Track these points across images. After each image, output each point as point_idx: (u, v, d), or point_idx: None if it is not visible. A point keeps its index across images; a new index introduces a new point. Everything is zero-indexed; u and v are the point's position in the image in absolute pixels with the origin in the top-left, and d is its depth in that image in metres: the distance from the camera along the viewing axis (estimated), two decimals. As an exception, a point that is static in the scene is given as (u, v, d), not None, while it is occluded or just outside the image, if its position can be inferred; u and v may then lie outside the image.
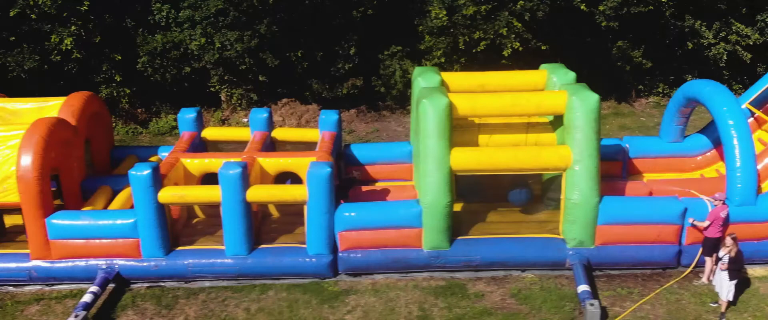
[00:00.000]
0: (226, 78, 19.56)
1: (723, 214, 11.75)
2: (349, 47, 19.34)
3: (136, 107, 20.29)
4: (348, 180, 13.81)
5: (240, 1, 17.74)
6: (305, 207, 11.81)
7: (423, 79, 13.13)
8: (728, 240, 10.95)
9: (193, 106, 20.61)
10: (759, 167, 13.98)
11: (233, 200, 11.56)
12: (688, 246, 12.21)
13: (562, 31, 19.35)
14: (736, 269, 10.97)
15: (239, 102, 20.04)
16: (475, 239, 12.37)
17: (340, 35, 19.35)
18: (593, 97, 11.66)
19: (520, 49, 17.53)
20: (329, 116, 14.36)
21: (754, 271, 12.40)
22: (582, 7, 17.73)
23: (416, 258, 12.18)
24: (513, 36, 17.43)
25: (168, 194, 11.71)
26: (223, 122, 19.99)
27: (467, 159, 11.89)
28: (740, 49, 20.41)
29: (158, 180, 11.66)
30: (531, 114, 12.51)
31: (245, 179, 11.56)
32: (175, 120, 18.69)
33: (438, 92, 11.91)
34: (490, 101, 12.25)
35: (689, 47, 20.38)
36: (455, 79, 13.64)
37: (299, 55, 18.73)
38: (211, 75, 19.56)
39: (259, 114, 14.25)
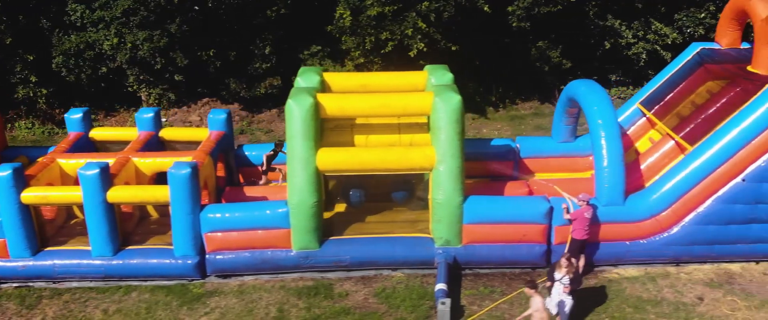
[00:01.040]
0: (142, 77, 19.54)
1: (587, 215, 11.76)
2: (265, 46, 19.34)
3: (55, 107, 20.27)
4: None
5: (149, 1, 17.73)
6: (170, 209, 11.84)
7: (303, 79, 13.12)
8: (563, 261, 10.32)
9: (112, 106, 20.77)
10: (643, 166, 14.13)
11: (94, 201, 11.56)
12: (557, 245, 12.24)
13: (476, 31, 19.38)
14: (576, 289, 10.54)
15: (158, 101, 20.01)
16: (346, 239, 12.37)
17: (256, 34, 19.35)
18: (455, 98, 11.67)
19: (426, 49, 17.54)
20: (217, 115, 14.38)
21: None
22: (485, 9, 17.75)
23: (285, 258, 12.18)
24: (419, 36, 17.43)
25: (30, 195, 11.70)
26: (141, 122, 19.93)
27: (333, 159, 11.91)
28: (659, 49, 20.50)
29: (21, 180, 11.65)
30: (400, 114, 12.54)
31: (105, 180, 11.55)
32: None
33: (304, 92, 11.92)
34: (359, 102, 12.27)
35: (606, 47, 20.45)
36: (337, 79, 13.65)
37: (210, 54, 18.73)
38: (128, 75, 19.55)
39: (144, 113, 14.25)
